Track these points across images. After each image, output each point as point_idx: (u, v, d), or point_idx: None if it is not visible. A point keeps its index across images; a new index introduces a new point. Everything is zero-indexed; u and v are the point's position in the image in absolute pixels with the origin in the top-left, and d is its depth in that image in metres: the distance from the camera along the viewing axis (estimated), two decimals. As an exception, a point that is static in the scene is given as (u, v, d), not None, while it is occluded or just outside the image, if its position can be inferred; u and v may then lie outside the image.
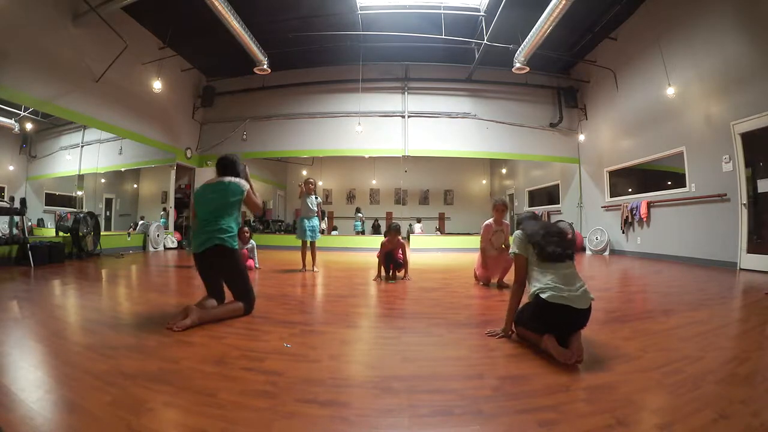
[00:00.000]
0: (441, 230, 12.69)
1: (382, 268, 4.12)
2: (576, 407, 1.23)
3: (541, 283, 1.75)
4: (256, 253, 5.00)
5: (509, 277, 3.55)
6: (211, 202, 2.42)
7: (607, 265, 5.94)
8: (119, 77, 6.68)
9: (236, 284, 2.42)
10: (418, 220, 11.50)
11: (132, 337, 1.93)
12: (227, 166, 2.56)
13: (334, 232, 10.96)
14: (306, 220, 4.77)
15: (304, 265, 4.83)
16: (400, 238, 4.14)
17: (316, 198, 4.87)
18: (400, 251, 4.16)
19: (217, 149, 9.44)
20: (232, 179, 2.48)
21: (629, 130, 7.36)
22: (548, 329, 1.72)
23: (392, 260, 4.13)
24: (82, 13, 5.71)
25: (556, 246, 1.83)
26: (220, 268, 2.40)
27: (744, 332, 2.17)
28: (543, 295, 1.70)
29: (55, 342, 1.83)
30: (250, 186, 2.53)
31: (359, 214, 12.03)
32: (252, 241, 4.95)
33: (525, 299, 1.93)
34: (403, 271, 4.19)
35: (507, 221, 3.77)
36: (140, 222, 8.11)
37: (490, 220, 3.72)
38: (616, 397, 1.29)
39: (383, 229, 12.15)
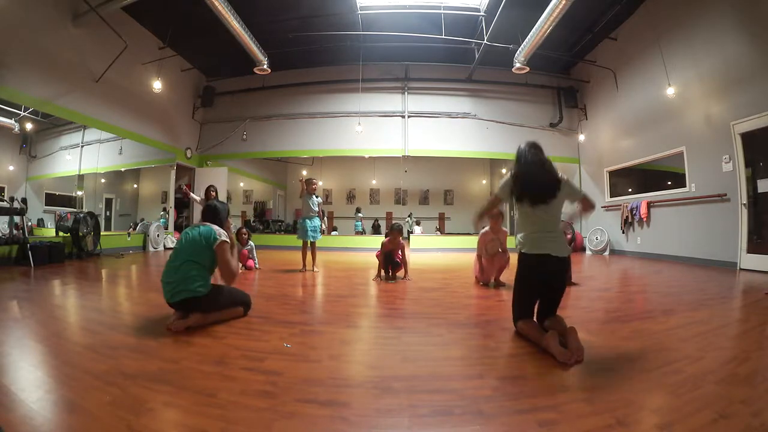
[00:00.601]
0: (441, 230, 12.68)
1: (382, 268, 4.12)
2: (576, 407, 1.22)
3: (523, 234, 1.99)
4: (255, 253, 5.00)
5: (507, 277, 3.57)
6: (186, 242, 2.27)
7: (607, 265, 5.94)
8: (119, 77, 6.68)
9: (223, 304, 2.29)
10: (417, 223, 11.45)
11: (132, 337, 1.93)
12: (204, 212, 2.42)
13: (334, 233, 10.96)
14: (308, 221, 4.76)
15: (304, 265, 4.83)
16: (401, 239, 4.15)
17: (317, 198, 4.86)
18: (400, 252, 4.17)
19: (217, 149, 9.45)
20: (209, 225, 2.30)
21: (629, 130, 7.36)
22: (537, 288, 1.93)
23: (391, 261, 4.13)
24: (82, 13, 5.71)
25: (532, 189, 1.96)
26: (201, 311, 2.18)
27: (744, 332, 2.17)
28: (524, 249, 1.96)
29: (55, 342, 1.83)
30: (231, 242, 2.33)
31: (359, 214, 12.03)
32: (251, 242, 4.96)
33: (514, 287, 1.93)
34: (402, 270, 4.19)
35: (505, 228, 3.80)
36: (140, 222, 8.11)
37: (487, 228, 3.75)
38: (616, 397, 1.29)
39: (383, 229, 12.15)
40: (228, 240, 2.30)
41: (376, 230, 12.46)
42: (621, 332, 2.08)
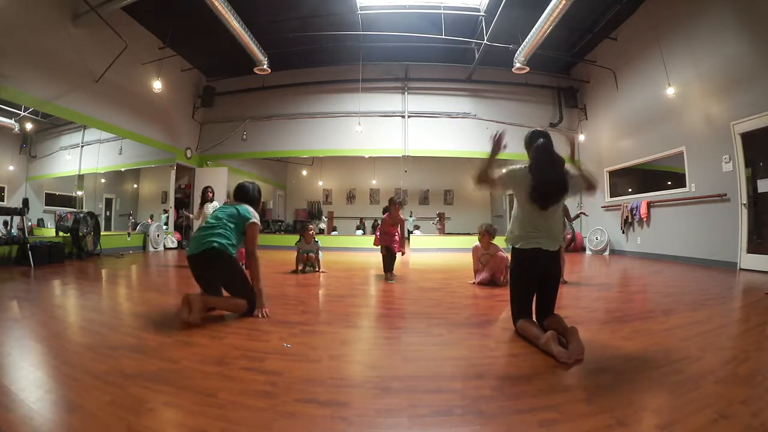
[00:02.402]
0: (441, 229, 12.62)
1: (383, 262, 4.14)
2: (576, 407, 1.22)
3: (517, 229, 1.99)
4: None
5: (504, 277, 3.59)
6: (223, 213, 2.45)
7: (607, 265, 5.94)
8: (119, 77, 6.68)
9: (235, 286, 2.36)
10: (417, 227, 11.38)
11: (132, 337, 1.93)
12: (236, 193, 2.63)
13: (333, 233, 10.95)
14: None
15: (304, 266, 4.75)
16: (400, 214, 4.08)
17: (316, 242, 4.77)
18: (397, 235, 4.08)
19: (217, 149, 9.45)
20: (246, 207, 2.49)
21: (629, 130, 7.36)
22: (531, 283, 1.95)
23: (392, 255, 4.11)
24: (82, 13, 5.71)
25: (544, 192, 1.92)
26: (216, 272, 2.33)
27: (744, 332, 2.17)
28: (517, 245, 1.98)
29: (55, 342, 1.83)
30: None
31: (360, 228, 11.87)
32: None
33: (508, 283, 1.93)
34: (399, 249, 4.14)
35: (496, 244, 3.75)
36: (139, 222, 8.09)
37: (478, 244, 3.80)
38: (616, 397, 1.29)
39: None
40: (259, 223, 2.46)
41: (375, 230, 12.40)
42: (621, 332, 2.08)
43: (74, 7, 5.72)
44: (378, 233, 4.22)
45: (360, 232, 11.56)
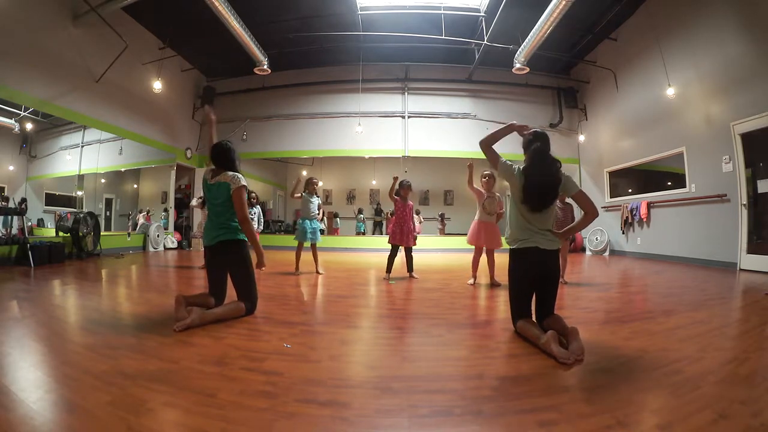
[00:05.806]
0: (442, 229, 12.60)
1: (388, 261, 4.21)
2: (576, 407, 1.22)
3: (513, 230, 2.02)
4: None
5: (502, 278, 3.56)
6: (216, 200, 2.45)
7: (607, 265, 5.94)
8: (119, 77, 6.67)
9: (241, 280, 2.41)
10: (419, 222, 11.44)
11: (132, 337, 1.92)
12: (214, 158, 2.53)
13: (336, 219, 10.99)
14: (307, 222, 4.68)
15: (297, 267, 4.62)
16: (410, 201, 4.24)
17: (317, 198, 4.80)
18: (413, 225, 4.21)
19: (217, 149, 9.43)
20: (222, 180, 2.40)
21: (629, 131, 7.36)
22: (530, 282, 1.95)
23: (407, 254, 4.24)
24: (82, 13, 5.71)
25: (535, 197, 1.94)
26: (229, 262, 2.42)
27: (744, 332, 2.17)
28: (514, 246, 2.01)
29: (55, 342, 1.83)
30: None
31: (360, 215, 11.98)
32: None
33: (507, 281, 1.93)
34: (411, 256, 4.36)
35: (499, 194, 3.85)
36: (139, 222, 8.08)
37: (480, 189, 3.83)
38: (616, 397, 1.29)
39: (384, 230, 12.10)
40: (246, 185, 2.40)
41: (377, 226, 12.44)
42: (621, 332, 2.08)
43: (74, 7, 5.72)
44: (392, 226, 4.28)
45: (360, 224, 11.58)
